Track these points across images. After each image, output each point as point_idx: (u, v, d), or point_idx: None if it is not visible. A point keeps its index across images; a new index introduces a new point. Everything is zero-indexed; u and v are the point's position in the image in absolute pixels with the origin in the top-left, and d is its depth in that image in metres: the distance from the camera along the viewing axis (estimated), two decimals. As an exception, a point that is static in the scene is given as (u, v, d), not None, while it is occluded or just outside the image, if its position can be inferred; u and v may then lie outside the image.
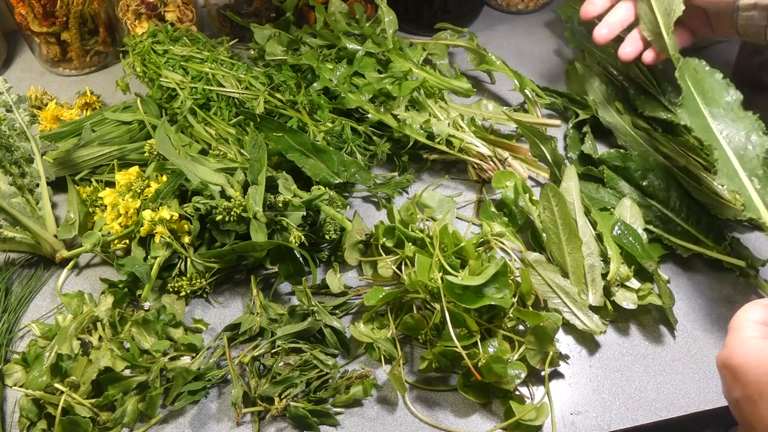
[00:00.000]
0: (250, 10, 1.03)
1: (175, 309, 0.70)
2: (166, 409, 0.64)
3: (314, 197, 0.72)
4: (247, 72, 0.88)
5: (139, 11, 0.98)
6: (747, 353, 0.49)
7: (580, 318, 0.68)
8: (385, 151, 0.84)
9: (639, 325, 0.70)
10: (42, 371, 0.61)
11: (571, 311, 0.68)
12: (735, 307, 0.71)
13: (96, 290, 0.74)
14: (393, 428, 0.63)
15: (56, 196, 0.82)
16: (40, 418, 0.61)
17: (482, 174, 0.83)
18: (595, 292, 0.69)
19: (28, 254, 0.77)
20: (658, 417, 0.64)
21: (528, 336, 0.64)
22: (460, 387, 0.63)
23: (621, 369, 0.67)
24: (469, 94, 0.90)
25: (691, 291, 0.73)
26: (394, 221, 0.73)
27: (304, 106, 0.84)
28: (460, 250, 0.69)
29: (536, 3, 1.17)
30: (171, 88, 0.87)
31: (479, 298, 0.62)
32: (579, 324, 0.68)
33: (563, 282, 0.68)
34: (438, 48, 0.97)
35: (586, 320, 0.68)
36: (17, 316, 0.72)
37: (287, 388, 0.62)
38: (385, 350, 0.66)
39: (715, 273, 0.75)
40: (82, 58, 1.02)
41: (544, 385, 0.65)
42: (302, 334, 0.66)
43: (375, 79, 0.85)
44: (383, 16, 0.93)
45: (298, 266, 0.69)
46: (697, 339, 0.69)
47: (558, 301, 0.69)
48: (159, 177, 0.75)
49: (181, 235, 0.71)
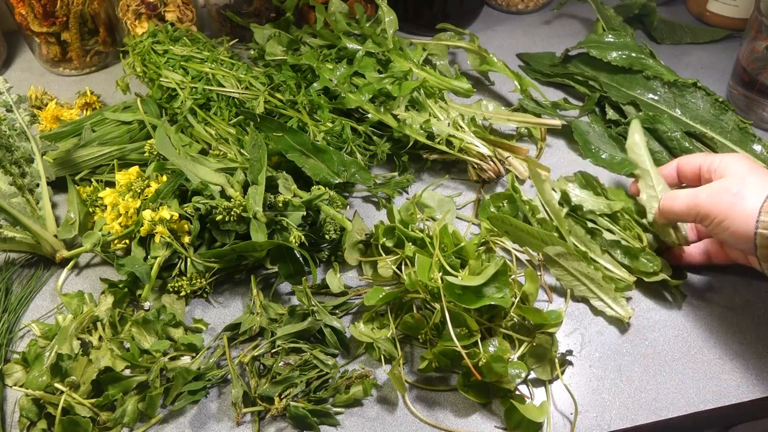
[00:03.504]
0: (250, 10, 1.03)
1: (175, 309, 0.70)
2: (166, 409, 0.64)
3: (314, 197, 0.72)
4: (247, 72, 0.88)
5: (139, 11, 0.98)
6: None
7: (609, 305, 0.70)
8: (385, 151, 0.84)
9: (639, 325, 0.70)
10: (42, 371, 0.61)
11: (600, 298, 0.70)
12: (734, 308, 0.72)
13: (96, 290, 0.74)
14: (393, 428, 0.63)
15: (56, 196, 0.82)
16: (40, 418, 0.61)
17: (482, 174, 0.83)
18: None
19: (28, 254, 0.77)
20: (658, 417, 0.64)
21: (528, 359, 0.64)
22: (460, 387, 0.63)
23: (621, 369, 0.67)
24: (470, 94, 0.90)
25: (691, 291, 0.73)
26: (394, 221, 0.73)
27: (304, 106, 0.84)
28: (460, 250, 0.69)
29: (536, 3, 1.17)
30: (171, 88, 0.87)
31: (479, 298, 0.62)
32: (609, 311, 0.70)
33: (588, 269, 0.70)
34: (438, 48, 0.97)
35: (616, 306, 0.69)
36: (17, 316, 0.72)
37: (287, 388, 0.62)
38: (385, 350, 0.66)
39: (715, 273, 0.75)
40: (82, 58, 1.02)
41: (545, 385, 0.65)
42: (302, 334, 0.66)
43: (375, 79, 0.85)
44: (383, 16, 0.93)
45: (298, 266, 0.69)
46: (697, 339, 0.69)
47: (584, 288, 0.70)
48: (159, 177, 0.75)
49: (181, 235, 0.71)
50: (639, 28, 1.12)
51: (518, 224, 0.71)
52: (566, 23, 1.15)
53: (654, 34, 1.10)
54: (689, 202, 0.66)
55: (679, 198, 0.68)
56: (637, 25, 1.11)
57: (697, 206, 0.65)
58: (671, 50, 1.08)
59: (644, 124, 0.87)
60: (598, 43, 0.98)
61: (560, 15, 1.17)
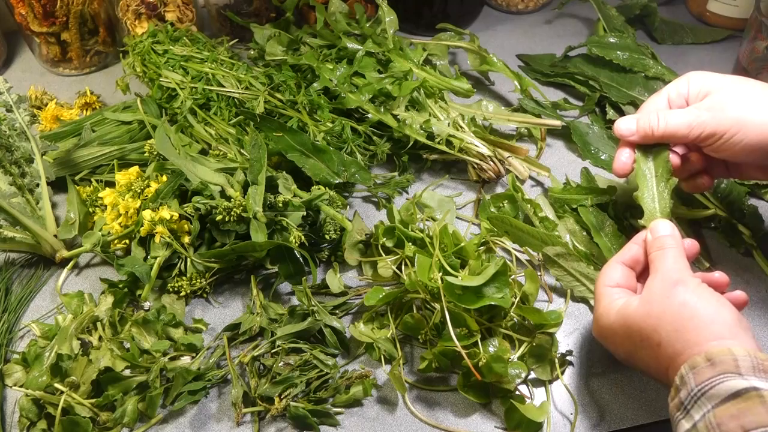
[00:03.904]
0: (250, 10, 1.03)
1: (175, 309, 0.70)
2: (166, 409, 0.64)
3: (314, 197, 0.72)
4: (247, 72, 0.88)
5: (139, 11, 0.98)
6: (606, 324, 0.57)
7: None
8: (385, 151, 0.84)
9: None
10: (42, 371, 0.61)
11: None
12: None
13: (96, 290, 0.74)
14: (393, 428, 0.63)
15: (56, 196, 0.82)
16: (40, 418, 0.61)
17: (482, 174, 0.83)
18: None
19: (28, 254, 0.77)
20: (658, 417, 0.64)
21: (528, 359, 0.64)
22: (460, 387, 0.63)
23: (621, 369, 0.67)
24: (470, 94, 0.90)
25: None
26: (394, 221, 0.73)
27: (304, 106, 0.84)
28: (460, 250, 0.69)
29: (536, 3, 1.17)
30: (171, 88, 0.87)
31: (479, 298, 0.62)
32: None
33: (588, 270, 0.69)
34: (438, 48, 0.97)
35: None
36: (17, 316, 0.72)
37: (287, 388, 0.62)
38: (385, 350, 0.66)
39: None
40: (82, 58, 1.02)
41: (545, 385, 0.65)
42: (302, 334, 0.66)
43: (375, 79, 0.85)
44: (383, 16, 0.93)
45: (298, 266, 0.69)
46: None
47: (583, 288, 0.70)
48: (159, 177, 0.75)
49: (181, 235, 0.71)
50: (640, 29, 1.12)
51: (518, 224, 0.71)
52: (567, 23, 1.15)
53: (655, 34, 1.10)
54: (690, 121, 0.60)
55: (676, 116, 0.61)
56: (638, 26, 1.11)
57: (701, 124, 0.59)
58: (671, 50, 1.08)
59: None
60: (599, 44, 0.98)
61: (561, 15, 1.17)
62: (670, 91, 0.64)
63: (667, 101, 0.64)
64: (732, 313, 0.52)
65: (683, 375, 0.49)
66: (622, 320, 0.55)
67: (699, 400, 0.47)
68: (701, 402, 0.47)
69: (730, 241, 0.76)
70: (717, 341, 0.50)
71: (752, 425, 0.43)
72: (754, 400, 0.44)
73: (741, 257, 0.76)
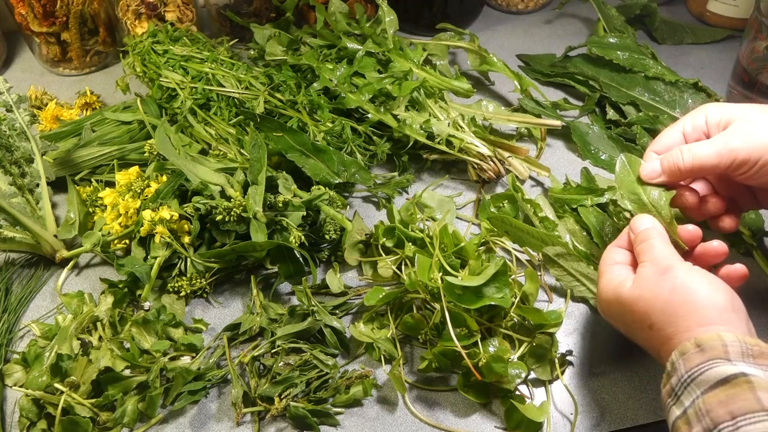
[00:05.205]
0: (250, 10, 1.03)
1: (175, 309, 0.70)
2: (166, 409, 0.64)
3: (314, 197, 0.72)
4: (247, 72, 0.88)
5: (139, 11, 0.98)
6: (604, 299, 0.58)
7: None
8: (385, 151, 0.84)
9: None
10: (42, 371, 0.61)
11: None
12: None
13: (96, 290, 0.74)
14: (393, 428, 0.63)
15: (56, 196, 0.82)
16: (40, 418, 0.61)
17: (482, 174, 0.83)
18: None
19: (28, 254, 0.77)
20: (658, 417, 0.64)
21: (528, 359, 0.64)
22: (460, 387, 0.63)
23: (621, 369, 0.67)
24: (470, 94, 0.90)
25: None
26: (394, 221, 0.73)
27: (304, 106, 0.84)
28: (460, 250, 0.69)
29: (536, 3, 1.17)
30: (171, 88, 0.87)
31: (479, 298, 0.62)
32: None
33: (588, 270, 0.70)
34: (438, 48, 0.97)
35: None
36: (17, 316, 0.72)
37: (287, 388, 0.62)
38: (385, 350, 0.66)
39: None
40: (82, 58, 1.02)
41: (545, 385, 0.65)
42: (302, 334, 0.66)
43: (375, 79, 0.85)
44: (383, 16, 0.93)
45: (298, 266, 0.69)
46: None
47: (584, 288, 0.70)
48: (159, 177, 0.75)
49: (181, 235, 0.71)
50: (640, 29, 1.12)
51: (518, 224, 0.71)
52: (567, 23, 1.15)
53: (655, 34, 1.10)
54: (720, 150, 0.57)
55: (703, 148, 0.58)
56: (638, 26, 1.12)
57: (732, 152, 0.57)
58: (671, 50, 1.08)
59: (644, 125, 0.87)
60: (599, 44, 0.98)
61: (561, 15, 1.17)
62: (685, 125, 0.62)
63: (683, 136, 0.62)
64: (724, 296, 0.52)
65: (674, 361, 0.50)
66: (617, 299, 0.57)
67: (689, 386, 0.48)
68: (691, 388, 0.47)
69: (730, 241, 0.76)
70: (707, 327, 0.50)
71: (741, 411, 0.44)
72: (742, 386, 0.45)
73: (741, 257, 0.76)
